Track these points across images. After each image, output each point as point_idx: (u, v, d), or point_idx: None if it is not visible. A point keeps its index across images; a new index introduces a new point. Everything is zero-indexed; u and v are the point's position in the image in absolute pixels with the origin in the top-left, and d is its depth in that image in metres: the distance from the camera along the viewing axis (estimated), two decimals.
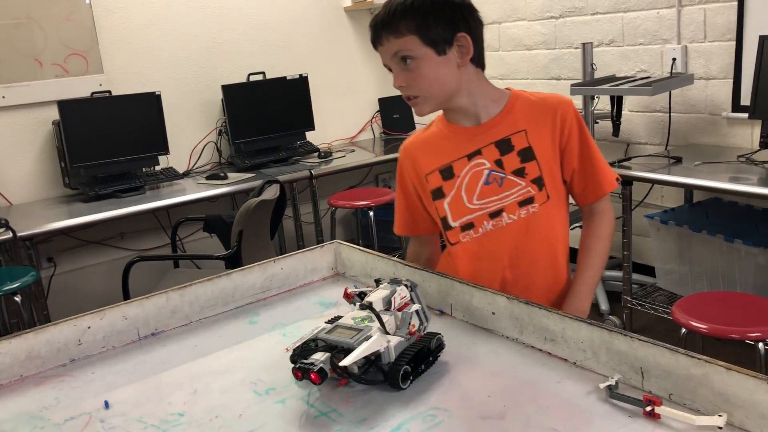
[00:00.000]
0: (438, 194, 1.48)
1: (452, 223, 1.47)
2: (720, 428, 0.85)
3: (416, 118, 4.46)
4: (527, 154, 1.43)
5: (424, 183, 1.50)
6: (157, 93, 3.52)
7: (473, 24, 1.41)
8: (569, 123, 1.44)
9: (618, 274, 3.27)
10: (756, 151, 2.82)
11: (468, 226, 1.46)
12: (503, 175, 1.43)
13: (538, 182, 1.43)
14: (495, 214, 1.44)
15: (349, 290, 1.19)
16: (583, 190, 1.48)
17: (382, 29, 1.39)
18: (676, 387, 0.93)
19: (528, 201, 1.43)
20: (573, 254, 1.51)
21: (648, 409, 0.90)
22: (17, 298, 2.77)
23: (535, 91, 1.51)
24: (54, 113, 3.29)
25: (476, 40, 1.42)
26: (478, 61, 1.45)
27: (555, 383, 1.02)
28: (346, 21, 4.36)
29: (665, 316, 2.96)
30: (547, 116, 1.44)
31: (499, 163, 1.43)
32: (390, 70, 1.43)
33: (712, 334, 2.04)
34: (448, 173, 1.47)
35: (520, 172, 1.43)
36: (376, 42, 1.42)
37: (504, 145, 1.44)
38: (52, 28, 3.37)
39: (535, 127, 1.44)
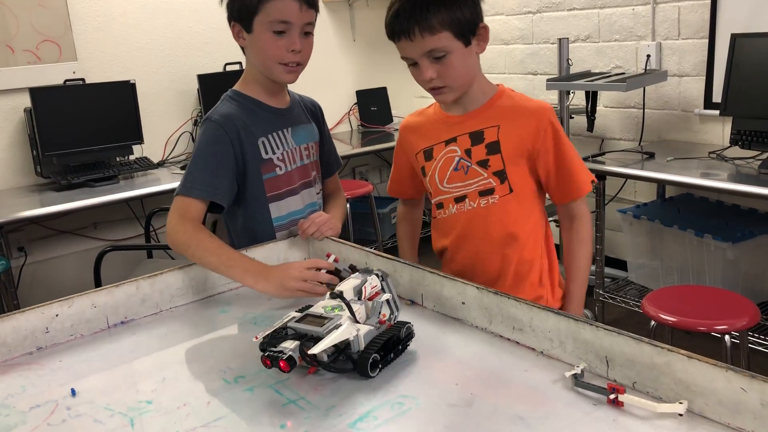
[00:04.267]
0: (423, 172, 1.58)
1: (432, 200, 1.59)
2: (680, 415, 0.87)
3: (394, 111, 4.47)
4: (493, 148, 1.48)
5: (414, 160, 1.60)
6: (131, 81, 3.47)
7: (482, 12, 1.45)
8: (544, 128, 1.48)
9: (591, 267, 3.30)
10: (727, 148, 2.86)
11: (440, 206, 1.56)
12: (469, 164, 1.50)
13: (500, 175, 1.49)
14: (459, 199, 1.52)
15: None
16: (559, 190, 1.52)
17: (415, 24, 1.36)
18: (639, 375, 0.95)
19: (488, 192, 1.50)
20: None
21: (612, 397, 0.91)
22: None
23: (520, 93, 1.55)
24: (26, 100, 3.23)
25: None
26: None
27: (522, 372, 1.03)
28: (325, 13, 4.33)
29: (636, 309, 3.00)
30: (525, 120, 1.48)
31: (468, 153, 1.51)
32: (409, 62, 1.43)
33: (680, 327, 2.07)
34: (428, 155, 1.56)
35: (483, 164, 1.49)
36: (402, 36, 1.39)
37: (476, 137, 1.50)
38: (24, 14, 3.30)
39: (508, 126, 1.48)
